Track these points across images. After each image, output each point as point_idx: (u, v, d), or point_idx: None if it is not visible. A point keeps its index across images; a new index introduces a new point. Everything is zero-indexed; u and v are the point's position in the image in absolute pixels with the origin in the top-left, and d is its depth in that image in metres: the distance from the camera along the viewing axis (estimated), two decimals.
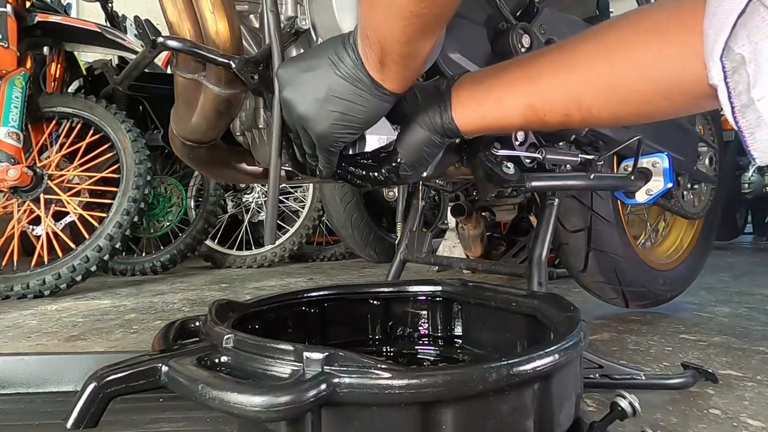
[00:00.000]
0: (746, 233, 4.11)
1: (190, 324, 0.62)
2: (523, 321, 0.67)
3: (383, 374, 0.40)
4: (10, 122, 1.87)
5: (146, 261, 2.43)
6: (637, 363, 0.96)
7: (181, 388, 0.42)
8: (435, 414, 0.41)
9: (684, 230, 1.52)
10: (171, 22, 0.69)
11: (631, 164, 0.90)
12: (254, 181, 0.93)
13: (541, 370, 0.44)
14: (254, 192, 2.87)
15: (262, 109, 0.79)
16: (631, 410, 0.58)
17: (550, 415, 0.46)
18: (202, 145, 0.81)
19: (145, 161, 2.05)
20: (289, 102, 0.57)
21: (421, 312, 0.79)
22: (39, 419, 0.68)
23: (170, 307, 1.63)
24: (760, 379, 0.86)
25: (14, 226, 1.99)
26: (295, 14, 0.72)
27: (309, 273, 2.44)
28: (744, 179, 3.22)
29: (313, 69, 0.55)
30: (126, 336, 1.24)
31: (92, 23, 2.17)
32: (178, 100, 0.77)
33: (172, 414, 0.66)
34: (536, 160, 0.77)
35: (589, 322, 0.70)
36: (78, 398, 0.41)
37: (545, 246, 0.97)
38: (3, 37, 1.88)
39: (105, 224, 1.96)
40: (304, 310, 0.74)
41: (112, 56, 2.51)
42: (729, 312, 1.40)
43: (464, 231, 1.63)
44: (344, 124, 0.56)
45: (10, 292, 1.82)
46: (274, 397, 0.37)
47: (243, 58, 0.67)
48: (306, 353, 0.42)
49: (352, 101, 0.55)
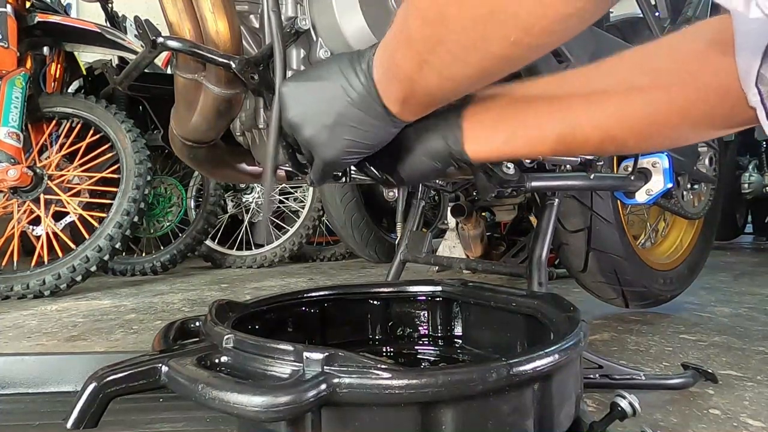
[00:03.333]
0: (746, 233, 4.11)
1: (190, 324, 0.62)
2: (523, 321, 0.66)
3: (383, 374, 0.40)
4: (10, 122, 1.87)
5: (146, 261, 2.43)
6: (637, 363, 0.96)
7: (181, 388, 0.42)
8: (435, 414, 0.41)
9: (684, 230, 1.53)
10: (171, 22, 0.69)
11: (631, 164, 0.90)
12: (254, 181, 0.93)
13: (541, 370, 0.44)
14: (254, 192, 2.87)
15: (262, 110, 0.79)
16: (631, 410, 0.58)
17: (550, 415, 0.46)
18: (202, 145, 0.81)
19: (145, 161, 2.05)
20: (296, 125, 0.56)
21: (421, 312, 0.79)
22: (39, 419, 0.68)
23: (170, 307, 1.63)
24: (760, 379, 0.86)
25: (14, 226, 1.99)
26: (295, 14, 0.72)
27: (309, 273, 2.44)
28: (744, 179, 3.21)
29: (322, 92, 0.54)
30: (126, 336, 1.24)
31: (92, 23, 2.17)
32: (178, 100, 0.77)
33: (172, 414, 0.66)
34: (536, 160, 0.77)
35: (589, 322, 0.70)
36: (78, 398, 0.41)
37: (545, 246, 0.97)
38: (3, 37, 1.88)
39: (105, 224, 1.96)
40: (304, 310, 0.74)
41: (112, 56, 2.50)
42: (729, 312, 1.40)
43: (464, 231, 1.63)
44: (353, 151, 0.55)
45: (10, 292, 1.82)
46: (274, 397, 0.37)
47: (243, 59, 0.67)
48: (306, 353, 0.42)
49: (363, 129, 0.53)
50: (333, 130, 0.53)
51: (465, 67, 0.43)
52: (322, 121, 0.54)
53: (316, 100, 0.54)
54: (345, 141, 0.54)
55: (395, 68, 0.48)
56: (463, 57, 0.41)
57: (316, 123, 0.54)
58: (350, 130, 0.53)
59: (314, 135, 0.55)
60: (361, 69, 0.51)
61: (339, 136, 0.54)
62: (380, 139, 0.55)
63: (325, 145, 0.55)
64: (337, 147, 0.54)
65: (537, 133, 0.53)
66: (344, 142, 0.54)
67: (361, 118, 0.52)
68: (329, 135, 0.54)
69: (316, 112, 0.54)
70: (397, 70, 0.48)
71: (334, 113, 0.53)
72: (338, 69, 0.53)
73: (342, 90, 0.52)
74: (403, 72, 0.47)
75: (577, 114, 0.51)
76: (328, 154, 0.55)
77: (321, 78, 0.54)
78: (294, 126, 0.56)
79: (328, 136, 0.54)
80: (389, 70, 0.49)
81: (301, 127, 0.55)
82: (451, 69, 0.43)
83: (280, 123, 0.59)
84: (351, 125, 0.53)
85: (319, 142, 0.55)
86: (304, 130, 0.55)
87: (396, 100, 0.50)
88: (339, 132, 0.53)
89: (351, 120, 0.52)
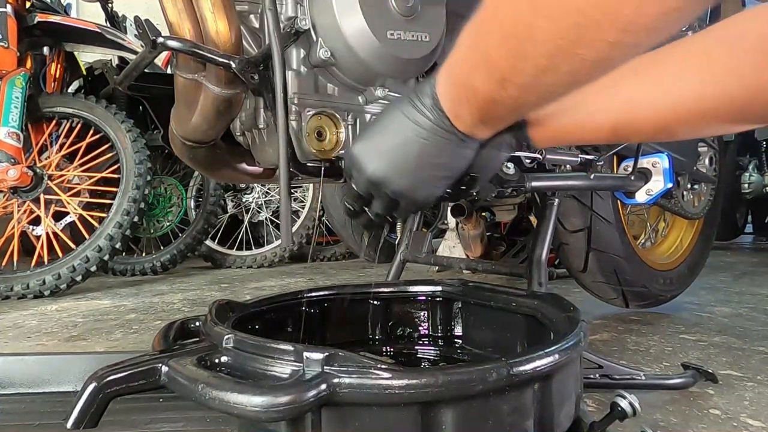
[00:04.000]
0: (746, 233, 4.11)
1: (190, 324, 0.62)
2: (523, 321, 0.67)
3: (383, 374, 0.40)
4: (10, 122, 1.87)
5: (146, 261, 2.43)
6: (637, 363, 0.96)
7: (181, 388, 0.42)
8: (435, 414, 0.41)
9: (684, 230, 1.52)
10: (171, 22, 0.69)
11: (631, 164, 0.91)
12: (254, 181, 0.93)
13: (541, 370, 0.44)
14: (254, 192, 2.87)
15: (262, 109, 0.79)
16: (631, 410, 0.58)
17: (550, 415, 0.46)
18: (202, 145, 0.81)
19: (145, 161, 2.05)
20: (379, 181, 0.55)
21: (421, 312, 0.79)
22: (39, 419, 0.68)
23: (170, 307, 1.63)
24: (760, 379, 0.86)
25: (14, 226, 1.99)
26: (295, 14, 0.72)
27: (309, 273, 2.44)
28: (744, 179, 3.22)
29: (393, 141, 0.53)
30: (126, 336, 1.24)
31: (92, 23, 2.17)
32: (178, 100, 0.77)
33: (172, 414, 0.66)
34: (536, 160, 0.77)
35: (589, 322, 0.70)
36: (78, 398, 0.41)
37: (545, 246, 0.97)
38: (3, 37, 1.87)
39: (105, 224, 1.96)
40: (304, 310, 0.74)
41: (112, 56, 2.50)
42: (729, 312, 1.40)
43: (464, 231, 1.63)
44: (440, 184, 0.55)
45: (10, 292, 1.82)
46: (274, 397, 0.37)
47: (243, 59, 0.67)
48: (306, 353, 0.42)
49: (445, 161, 0.52)
50: (417, 174, 0.53)
51: (555, 76, 0.40)
52: (404, 167, 0.53)
53: (391, 150, 0.53)
54: (431, 179, 0.54)
55: (470, 92, 0.46)
56: (553, 67, 0.39)
57: (398, 172, 0.53)
58: (433, 167, 0.53)
59: (401, 184, 0.54)
60: (424, 105, 0.51)
61: (424, 176, 0.54)
62: (466, 162, 0.54)
63: (413, 190, 0.55)
64: (425, 188, 0.55)
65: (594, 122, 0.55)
66: (431, 180, 0.54)
67: (440, 151, 0.51)
68: (415, 179, 0.54)
69: (395, 162, 0.53)
70: (472, 93, 0.46)
71: (412, 157, 0.52)
72: (401, 113, 0.52)
73: (413, 132, 0.51)
74: (480, 94, 0.46)
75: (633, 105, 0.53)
76: (419, 196, 0.55)
77: (386, 128, 0.54)
78: (377, 182, 0.55)
79: (414, 180, 0.54)
80: (461, 96, 0.48)
81: (385, 181, 0.54)
82: (538, 82, 0.41)
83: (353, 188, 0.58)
84: (433, 162, 0.52)
85: (407, 189, 0.54)
86: (389, 183, 0.54)
87: (472, 123, 0.49)
88: (423, 173, 0.53)
89: (431, 157, 0.52)
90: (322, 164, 0.74)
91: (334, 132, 0.76)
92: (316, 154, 0.74)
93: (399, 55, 0.72)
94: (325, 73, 0.76)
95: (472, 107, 0.48)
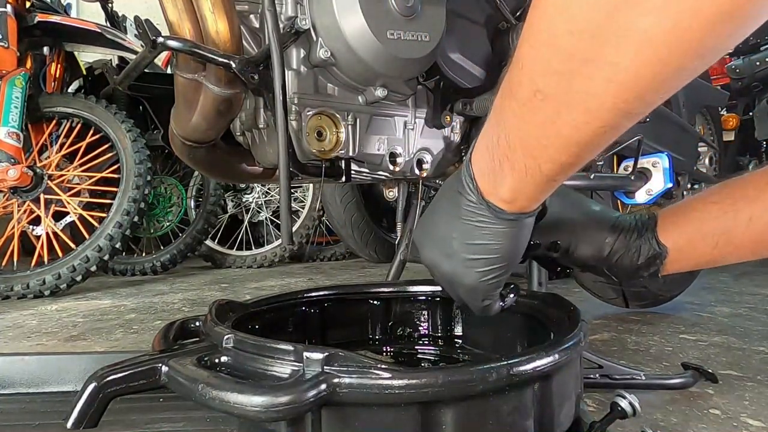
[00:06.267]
0: None
1: (190, 324, 0.62)
2: (523, 321, 0.66)
3: (383, 374, 0.40)
4: (10, 122, 1.87)
5: (146, 261, 2.43)
6: (637, 363, 0.95)
7: (181, 388, 0.42)
8: (435, 414, 0.41)
9: None
10: (171, 22, 0.69)
11: (631, 164, 0.90)
12: (254, 181, 0.93)
13: (541, 370, 0.44)
14: (254, 192, 2.87)
15: (262, 109, 0.79)
16: (631, 410, 0.58)
17: (550, 415, 0.46)
18: (202, 145, 0.81)
19: (145, 161, 2.05)
20: (429, 267, 0.52)
21: (421, 312, 0.79)
22: (39, 419, 0.68)
23: (170, 307, 1.63)
24: (760, 379, 0.86)
25: (14, 226, 1.99)
26: (295, 14, 0.73)
27: (309, 273, 2.44)
28: None
29: (439, 221, 0.49)
30: (126, 336, 1.24)
31: (92, 23, 2.17)
32: (178, 100, 0.77)
33: (172, 414, 0.66)
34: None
35: (589, 322, 0.70)
36: (78, 398, 0.41)
37: None
38: (3, 37, 1.87)
39: (105, 224, 1.96)
40: (304, 310, 0.74)
41: (112, 56, 2.50)
42: (729, 312, 1.40)
43: None
44: (487, 269, 0.48)
45: (10, 292, 1.82)
46: (274, 397, 0.37)
47: (243, 58, 0.67)
48: (306, 353, 0.42)
49: (490, 243, 0.46)
50: (456, 256, 0.48)
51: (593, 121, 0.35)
52: (446, 251, 0.49)
53: (435, 232, 0.50)
54: (475, 263, 0.48)
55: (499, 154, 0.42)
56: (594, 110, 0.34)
57: (443, 256, 0.50)
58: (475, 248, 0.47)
59: (444, 269, 0.50)
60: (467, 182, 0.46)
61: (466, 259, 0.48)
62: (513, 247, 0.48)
63: (458, 275, 0.50)
64: (471, 273, 0.49)
65: (703, 234, 0.59)
66: (474, 264, 0.48)
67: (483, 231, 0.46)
68: (455, 262, 0.49)
69: (440, 246, 0.50)
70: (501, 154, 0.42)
71: (452, 238, 0.48)
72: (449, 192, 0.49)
73: (455, 213, 0.47)
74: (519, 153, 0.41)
75: (734, 223, 0.56)
76: (465, 282, 0.50)
77: (434, 209, 0.51)
78: (429, 269, 0.52)
79: (455, 264, 0.49)
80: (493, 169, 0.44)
81: (432, 267, 0.52)
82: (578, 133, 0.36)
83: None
84: (475, 243, 0.47)
85: (451, 274, 0.50)
86: (435, 268, 0.51)
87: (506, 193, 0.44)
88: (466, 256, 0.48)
89: (473, 238, 0.47)
90: (322, 164, 0.74)
91: (334, 132, 0.76)
92: (316, 154, 0.74)
93: (399, 55, 0.72)
94: (325, 73, 0.76)
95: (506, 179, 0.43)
